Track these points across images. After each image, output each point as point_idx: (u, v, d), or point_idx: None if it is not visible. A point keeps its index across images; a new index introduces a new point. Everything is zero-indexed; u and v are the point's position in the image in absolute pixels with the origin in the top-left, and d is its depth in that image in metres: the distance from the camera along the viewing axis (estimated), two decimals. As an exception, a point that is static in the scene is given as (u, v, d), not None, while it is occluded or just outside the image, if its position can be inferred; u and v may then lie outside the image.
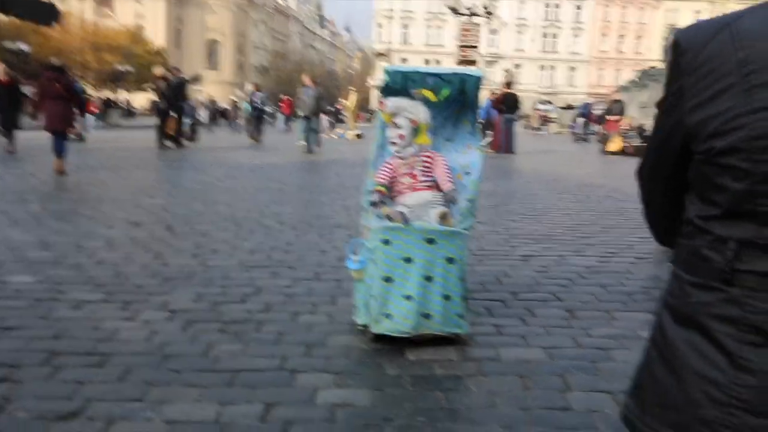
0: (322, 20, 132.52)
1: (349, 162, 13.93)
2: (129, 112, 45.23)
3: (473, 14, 23.21)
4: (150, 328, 3.56)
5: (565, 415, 2.71)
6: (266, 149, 17.77)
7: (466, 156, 3.85)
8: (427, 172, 3.64)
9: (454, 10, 23.33)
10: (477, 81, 3.74)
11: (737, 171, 0.87)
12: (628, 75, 61.62)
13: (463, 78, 3.71)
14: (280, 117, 32.54)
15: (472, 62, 20.35)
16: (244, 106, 29.48)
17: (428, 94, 3.67)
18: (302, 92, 16.98)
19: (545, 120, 41.00)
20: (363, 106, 44.25)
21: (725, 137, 0.87)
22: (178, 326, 3.61)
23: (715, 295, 0.90)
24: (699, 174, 0.94)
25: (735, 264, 0.88)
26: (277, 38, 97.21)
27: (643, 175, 1.15)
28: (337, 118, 41.37)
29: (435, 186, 3.65)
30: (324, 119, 30.37)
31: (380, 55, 70.10)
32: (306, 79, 17.09)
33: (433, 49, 68.09)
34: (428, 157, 3.67)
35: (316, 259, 5.16)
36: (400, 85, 3.74)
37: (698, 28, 0.96)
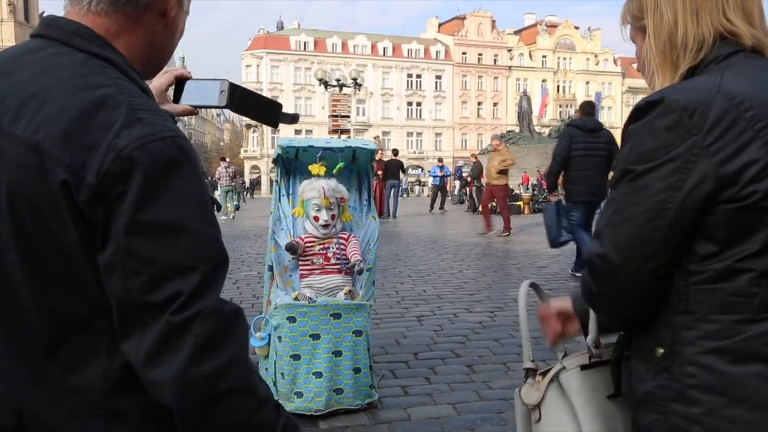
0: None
1: (226, 235, 13.70)
2: None
3: (342, 85, 23.99)
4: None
5: (481, 466, 2.84)
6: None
7: (367, 229, 3.97)
8: (340, 254, 3.70)
9: (324, 83, 24.00)
10: (370, 153, 3.95)
11: None
12: (489, 138, 65.67)
13: (354, 149, 3.90)
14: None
15: (346, 131, 20.90)
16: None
17: (320, 169, 3.76)
18: None
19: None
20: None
21: (766, 181, 0.97)
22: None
23: None
24: (729, 221, 1.00)
25: None
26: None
27: (639, 247, 1.04)
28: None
29: (345, 270, 3.72)
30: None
31: (250, 126, 70.24)
32: None
33: (302, 119, 69.09)
34: (344, 239, 3.75)
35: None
36: (293, 156, 3.86)
37: (693, 90, 1.02)
